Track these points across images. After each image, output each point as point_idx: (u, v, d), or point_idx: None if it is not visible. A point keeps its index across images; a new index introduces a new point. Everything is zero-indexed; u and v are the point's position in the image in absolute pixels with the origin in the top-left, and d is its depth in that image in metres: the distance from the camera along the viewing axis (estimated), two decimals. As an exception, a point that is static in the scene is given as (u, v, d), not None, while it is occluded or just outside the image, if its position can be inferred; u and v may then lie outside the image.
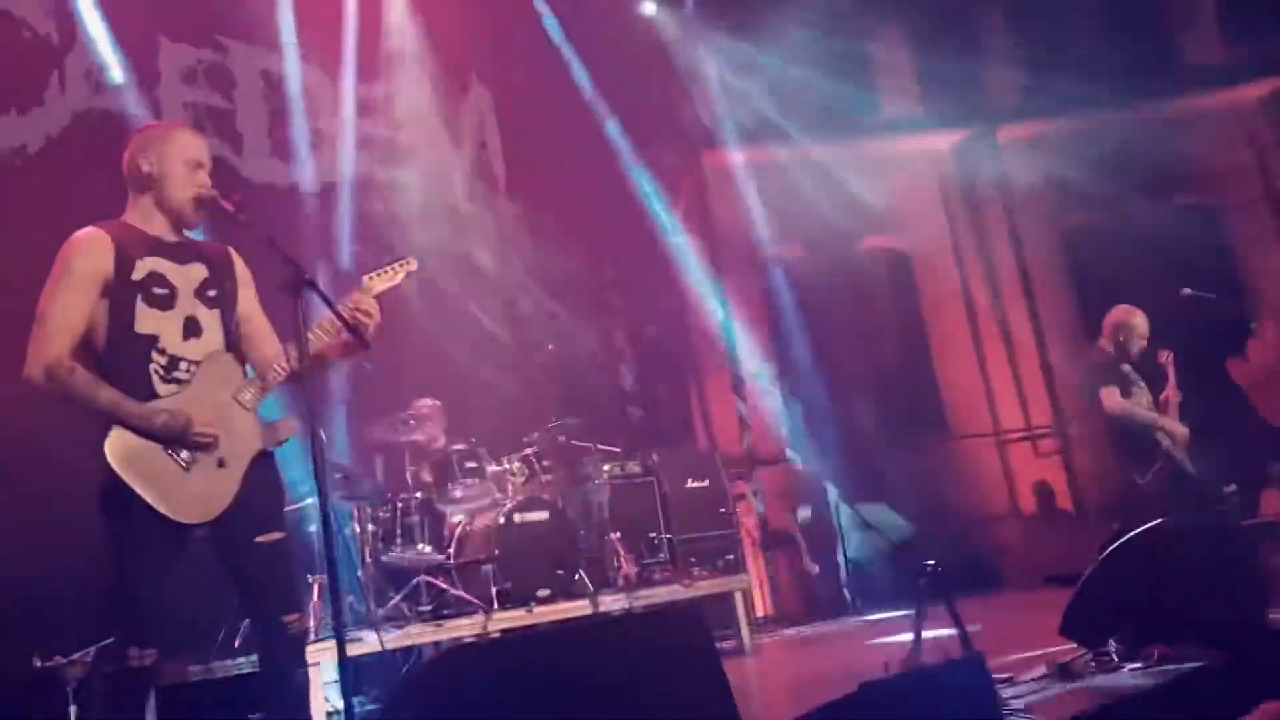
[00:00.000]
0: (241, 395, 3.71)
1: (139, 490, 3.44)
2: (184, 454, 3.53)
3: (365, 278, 3.95)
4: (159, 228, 3.75)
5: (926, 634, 4.96)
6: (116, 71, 8.23)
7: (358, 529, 7.10)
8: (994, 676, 4.18)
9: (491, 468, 7.85)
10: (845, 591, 10.64)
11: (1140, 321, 6.95)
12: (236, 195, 3.84)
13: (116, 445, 3.47)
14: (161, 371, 3.59)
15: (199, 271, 3.77)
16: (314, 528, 6.80)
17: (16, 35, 7.85)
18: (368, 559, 6.96)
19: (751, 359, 12.73)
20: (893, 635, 6.94)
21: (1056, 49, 14.07)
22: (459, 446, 7.87)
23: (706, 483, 9.46)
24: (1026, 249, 13.95)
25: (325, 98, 9.69)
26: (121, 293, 3.59)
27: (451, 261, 9.81)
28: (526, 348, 9.59)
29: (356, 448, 7.85)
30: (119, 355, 3.57)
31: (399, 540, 7.25)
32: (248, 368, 3.83)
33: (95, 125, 8.08)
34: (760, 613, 10.37)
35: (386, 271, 4.01)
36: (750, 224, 12.75)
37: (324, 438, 6.29)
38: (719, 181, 12.95)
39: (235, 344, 3.83)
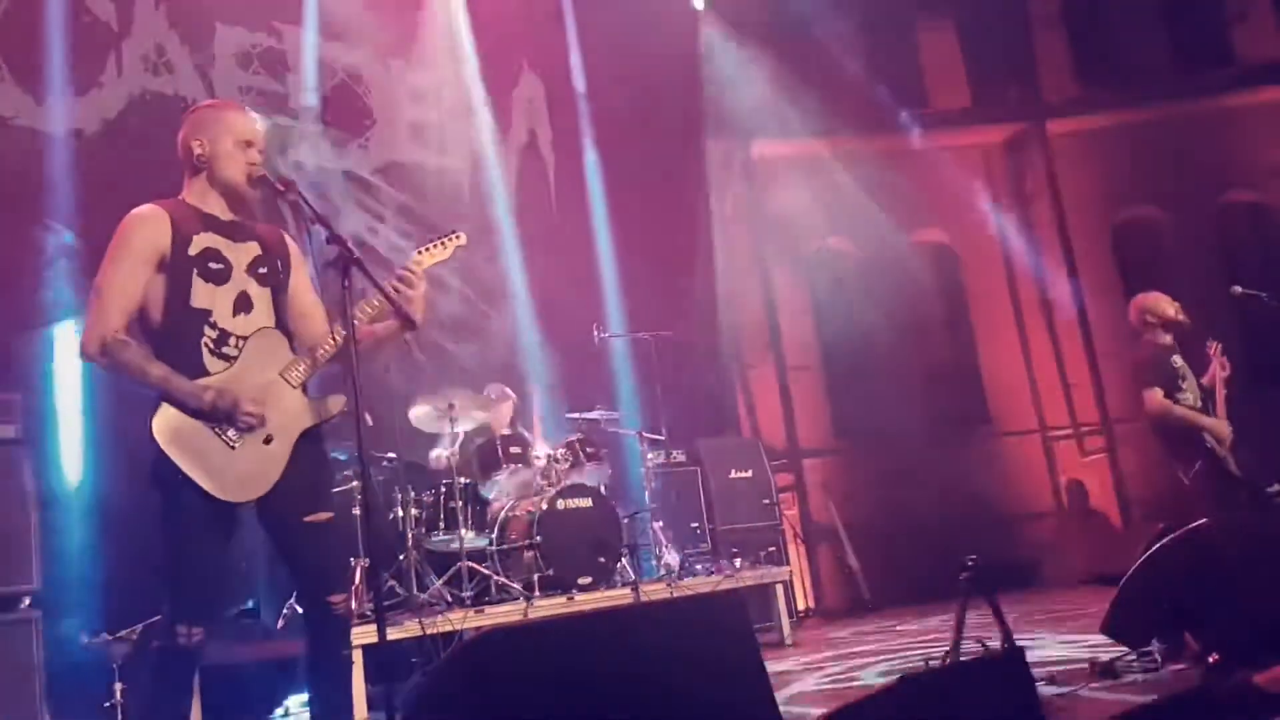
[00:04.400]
0: (289, 373, 3.74)
1: (186, 468, 3.48)
2: (231, 432, 3.56)
3: (416, 251, 3.98)
4: (214, 206, 3.80)
5: (967, 630, 4.94)
6: (172, 55, 8.35)
7: (401, 513, 7.15)
8: (1034, 674, 4.17)
9: (536, 454, 7.89)
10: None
11: (1154, 300, 6.87)
12: (288, 176, 3.90)
13: (163, 424, 3.51)
14: (211, 345, 3.63)
15: (253, 249, 3.81)
16: (357, 511, 6.87)
17: (77, 19, 7.97)
18: (410, 543, 7.02)
19: (797, 351, 12.70)
20: (933, 630, 6.91)
21: (1108, 43, 13.93)
22: (505, 432, 7.91)
23: (750, 473, 9.47)
24: (1075, 244, 13.83)
25: (377, 83, 9.77)
26: (178, 267, 3.63)
27: (493, 247, 9.89)
28: (572, 335, 9.62)
29: (405, 430, 7.89)
30: (174, 328, 3.62)
31: (442, 525, 7.30)
32: (295, 345, 3.86)
33: (151, 108, 8.19)
34: (801, 606, 10.36)
35: (435, 246, 4.03)
36: (797, 217, 12.71)
37: (369, 420, 6.38)
38: (767, 174, 12.93)
39: (284, 322, 3.86)
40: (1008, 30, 13.87)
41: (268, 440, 3.63)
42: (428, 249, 4.02)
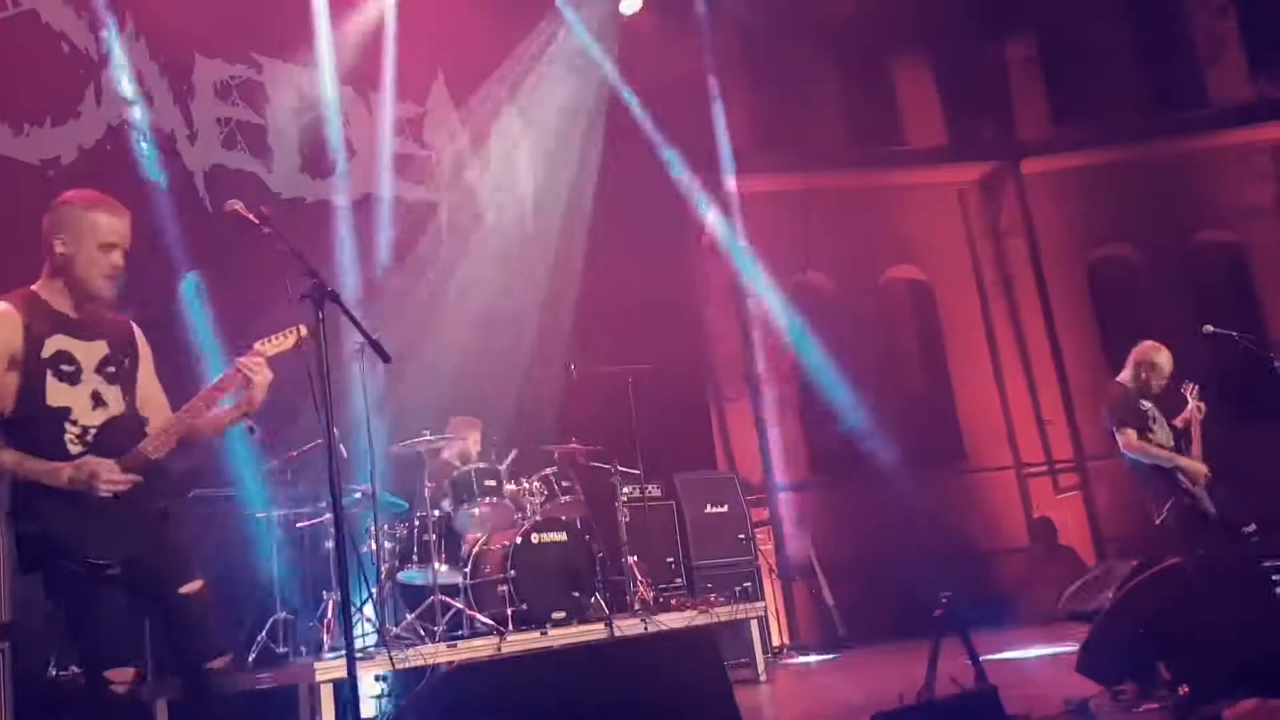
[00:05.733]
0: (143, 448, 3.80)
1: (54, 536, 3.59)
2: (88, 499, 3.63)
3: (257, 342, 4.02)
4: (64, 303, 3.83)
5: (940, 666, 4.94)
6: (151, 85, 8.36)
7: (374, 546, 7.10)
8: (1008, 712, 4.17)
9: (510, 487, 7.85)
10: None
11: (1165, 360, 6.89)
12: (264, 209, 3.91)
13: (22, 500, 3.60)
14: (74, 440, 3.71)
15: (100, 348, 3.86)
16: (329, 543, 6.83)
17: (56, 48, 7.96)
18: (383, 576, 6.96)
19: (774, 385, 12.72)
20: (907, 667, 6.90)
21: (1083, 83, 14.11)
22: (479, 465, 7.89)
23: (725, 508, 9.46)
24: (1050, 282, 13.94)
25: (357, 115, 9.78)
26: (31, 368, 3.69)
27: (474, 278, 9.89)
28: (550, 368, 9.61)
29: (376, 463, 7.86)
30: (31, 424, 3.68)
31: (415, 558, 7.26)
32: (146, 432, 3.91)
33: (128, 138, 8.18)
34: (776, 642, 10.33)
35: (277, 337, 4.05)
36: (775, 251, 12.76)
37: (343, 452, 6.35)
38: (744, 208, 12.99)
39: (136, 412, 3.93)
40: (984, 70, 14.03)
41: (124, 511, 3.69)
42: (271, 340, 4.04)
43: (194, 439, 3.93)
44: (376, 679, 6.54)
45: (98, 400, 3.77)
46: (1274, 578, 5.05)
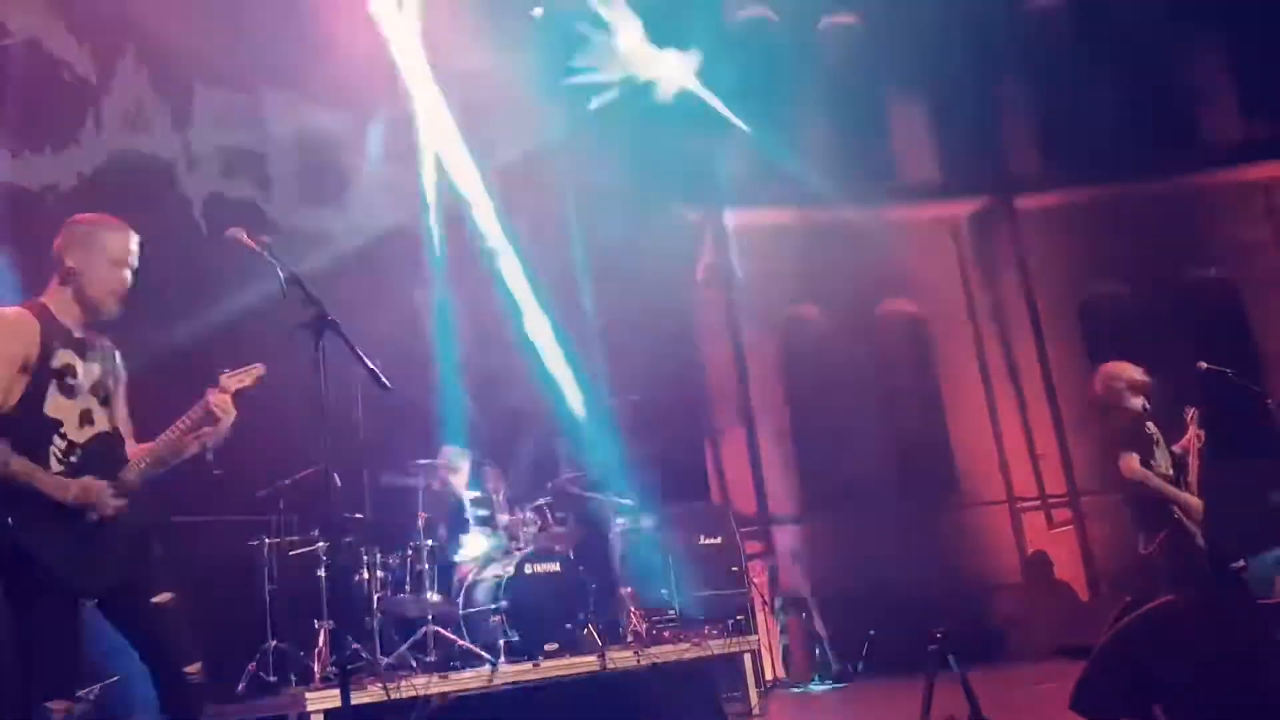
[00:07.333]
0: (125, 474, 3.86)
1: (44, 560, 3.62)
2: (79, 525, 3.69)
3: (221, 376, 4.07)
4: (72, 320, 3.91)
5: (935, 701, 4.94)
6: (152, 114, 8.39)
7: (367, 575, 7.08)
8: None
9: (504, 517, 7.84)
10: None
11: (1127, 367, 6.89)
12: (264, 237, 3.96)
13: (19, 518, 3.62)
14: (60, 454, 3.77)
15: (95, 369, 3.95)
16: (322, 572, 6.81)
17: (57, 76, 7.99)
18: (376, 606, 6.94)
19: (768, 418, 12.73)
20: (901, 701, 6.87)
21: (1075, 121, 14.21)
22: (474, 495, 7.88)
23: (719, 540, 9.45)
24: (1043, 318, 14.01)
25: (356, 144, 9.81)
26: (39, 376, 3.76)
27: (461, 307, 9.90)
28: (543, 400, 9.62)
29: (371, 493, 7.85)
30: (24, 430, 3.73)
31: (408, 588, 7.23)
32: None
33: (127, 166, 8.20)
34: (769, 675, 10.28)
35: (239, 373, 4.11)
36: (769, 285, 12.81)
37: (337, 481, 6.34)
38: (740, 242, 13.05)
39: (117, 436, 3.99)
40: (977, 107, 14.14)
41: (112, 538, 3.77)
42: (234, 375, 4.09)
43: (157, 466, 3.99)
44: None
45: (86, 419, 3.85)
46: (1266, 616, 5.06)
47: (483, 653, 6.82)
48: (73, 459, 3.78)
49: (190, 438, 4.02)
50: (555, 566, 7.39)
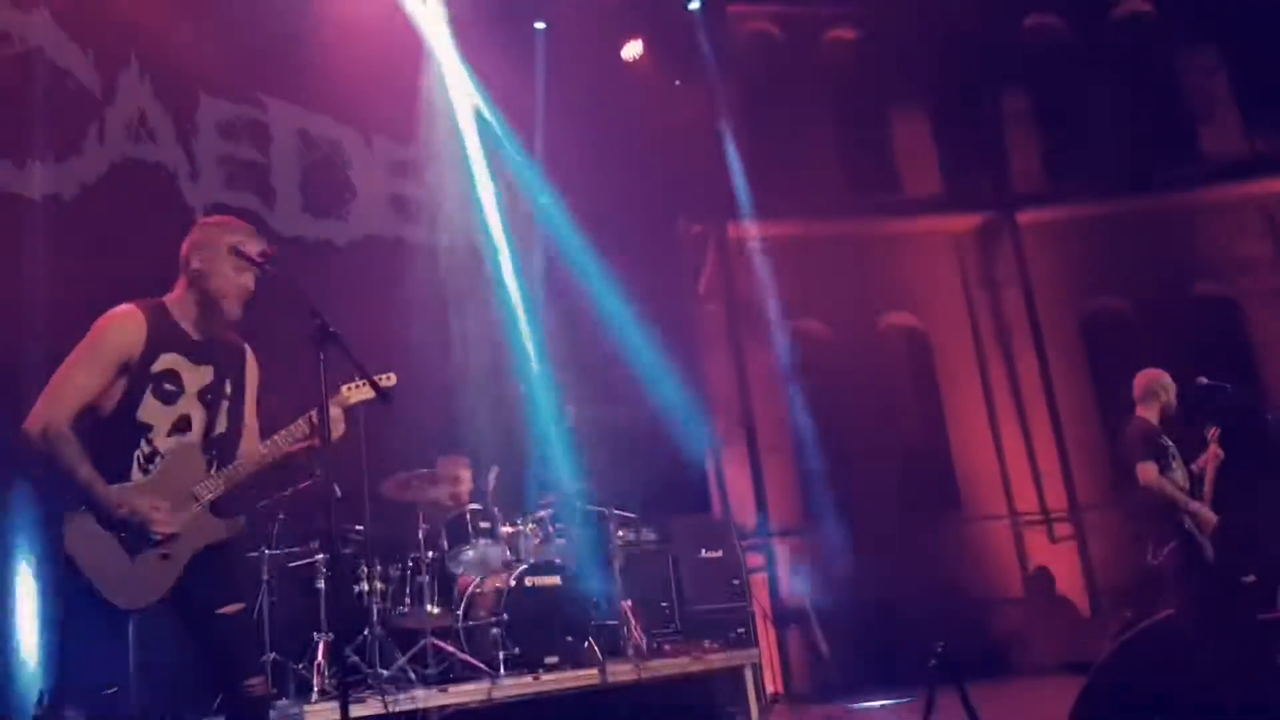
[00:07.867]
0: (201, 489, 3.82)
1: (86, 574, 3.59)
2: (133, 544, 3.66)
3: (344, 387, 4.06)
4: (189, 321, 3.90)
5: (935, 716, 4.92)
6: (155, 123, 8.40)
7: (366, 587, 7.06)
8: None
9: (505, 529, 7.82)
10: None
11: (1168, 378, 6.94)
12: (267, 249, 3.96)
13: (74, 530, 3.61)
14: (142, 460, 3.74)
15: (206, 374, 3.91)
16: (321, 584, 6.79)
17: (61, 85, 7.99)
18: (375, 618, 6.92)
19: (769, 431, 12.71)
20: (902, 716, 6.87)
21: (1078, 137, 14.24)
22: (474, 506, 7.87)
23: (720, 553, 9.41)
24: (1045, 332, 14.00)
25: (359, 156, 9.83)
26: (137, 378, 3.74)
27: (471, 320, 9.90)
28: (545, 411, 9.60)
29: (371, 504, 7.84)
30: (114, 432, 3.73)
31: (408, 600, 7.22)
32: (220, 461, 3.92)
33: (131, 176, 8.20)
34: (770, 689, 10.25)
35: (363, 384, 4.09)
36: (771, 297, 12.81)
37: (338, 492, 6.33)
38: (741, 255, 13.05)
39: (212, 438, 3.92)
40: (980, 122, 14.16)
41: (164, 557, 3.72)
42: (355, 385, 4.08)
43: (232, 485, 3.94)
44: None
45: (182, 425, 3.81)
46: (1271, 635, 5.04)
47: (483, 666, 6.80)
48: (152, 467, 3.75)
49: (299, 447, 3.99)
50: (556, 579, 7.37)
